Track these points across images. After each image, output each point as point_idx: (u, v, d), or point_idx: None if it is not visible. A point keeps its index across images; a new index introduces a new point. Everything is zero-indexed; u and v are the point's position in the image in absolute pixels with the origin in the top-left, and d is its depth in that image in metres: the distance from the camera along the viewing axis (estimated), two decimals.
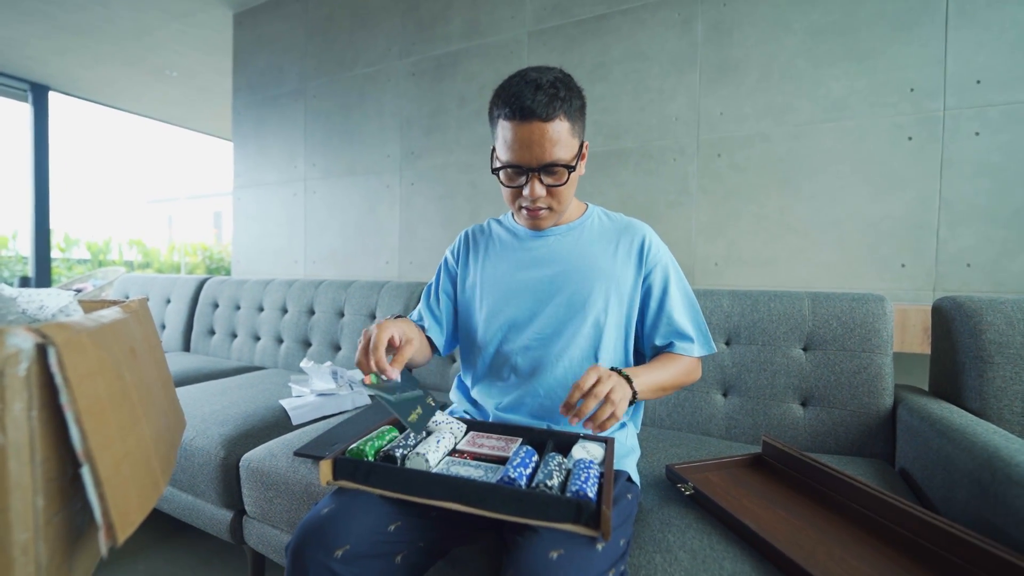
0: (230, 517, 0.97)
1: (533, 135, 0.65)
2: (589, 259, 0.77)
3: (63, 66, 3.69)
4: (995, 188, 1.39)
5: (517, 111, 0.65)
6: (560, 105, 0.65)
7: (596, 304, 0.75)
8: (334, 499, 0.61)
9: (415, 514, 0.61)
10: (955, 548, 0.53)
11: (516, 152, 0.67)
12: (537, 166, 0.67)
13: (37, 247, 4.01)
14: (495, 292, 0.80)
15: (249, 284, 1.87)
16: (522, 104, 0.64)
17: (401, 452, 0.61)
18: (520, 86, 0.65)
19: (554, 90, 0.65)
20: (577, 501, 0.51)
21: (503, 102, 0.66)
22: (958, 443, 0.68)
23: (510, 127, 0.66)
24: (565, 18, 1.94)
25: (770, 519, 0.64)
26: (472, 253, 0.86)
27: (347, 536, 0.56)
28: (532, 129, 0.65)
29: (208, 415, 1.09)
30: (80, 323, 0.44)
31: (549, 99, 0.64)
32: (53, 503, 0.40)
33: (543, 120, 0.65)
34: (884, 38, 1.49)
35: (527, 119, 0.65)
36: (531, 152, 0.66)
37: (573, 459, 0.60)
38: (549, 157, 0.67)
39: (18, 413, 0.36)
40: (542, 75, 0.66)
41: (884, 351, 0.91)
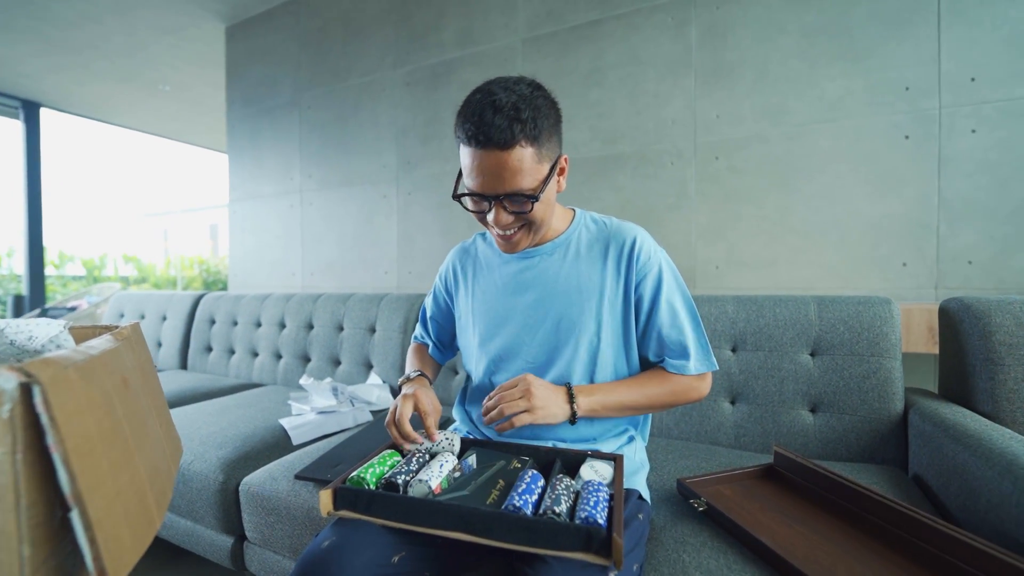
0: (230, 543, 0.95)
1: (491, 164, 0.60)
2: (576, 278, 0.73)
3: (57, 83, 3.68)
4: (993, 185, 1.38)
5: (473, 136, 0.60)
6: (520, 130, 0.59)
7: (588, 327, 0.71)
8: (335, 531, 0.59)
9: (420, 543, 0.59)
10: (981, 563, 0.51)
11: (475, 180, 0.62)
12: (498, 195, 0.63)
13: (31, 265, 3.98)
14: (484, 320, 0.78)
15: (246, 299, 1.85)
16: (478, 129, 0.59)
17: (403, 479, 0.59)
18: (480, 106, 0.60)
19: (514, 112, 0.59)
20: (587, 529, 0.49)
21: (462, 121, 0.61)
22: (974, 450, 0.66)
23: (468, 153, 0.62)
24: (559, 24, 1.94)
25: (786, 534, 0.62)
26: (462, 277, 0.83)
27: (349, 570, 0.54)
28: (490, 157, 0.60)
29: (206, 437, 1.07)
30: (67, 357, 0.42)
31: (508, 123, 0.59)
32: (41, 550, 0.38)
33: (500, 148, 0.59)
34: (878, 38, 1.49)
35: (484, 146, 0.60)
36: (490, 181, 0.62)
37: (581, 480, 0.59)
38: (509, 187, 0.62)
39: (1, 457, 0.34)
40: (504, 94, 0.60)
41: (893, 355, 0.90)
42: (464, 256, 0.85)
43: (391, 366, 1.42)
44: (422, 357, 0.88)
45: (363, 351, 1.49)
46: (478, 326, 0.79)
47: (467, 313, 0.81)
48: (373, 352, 1.47)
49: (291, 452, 1.04)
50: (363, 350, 1.50)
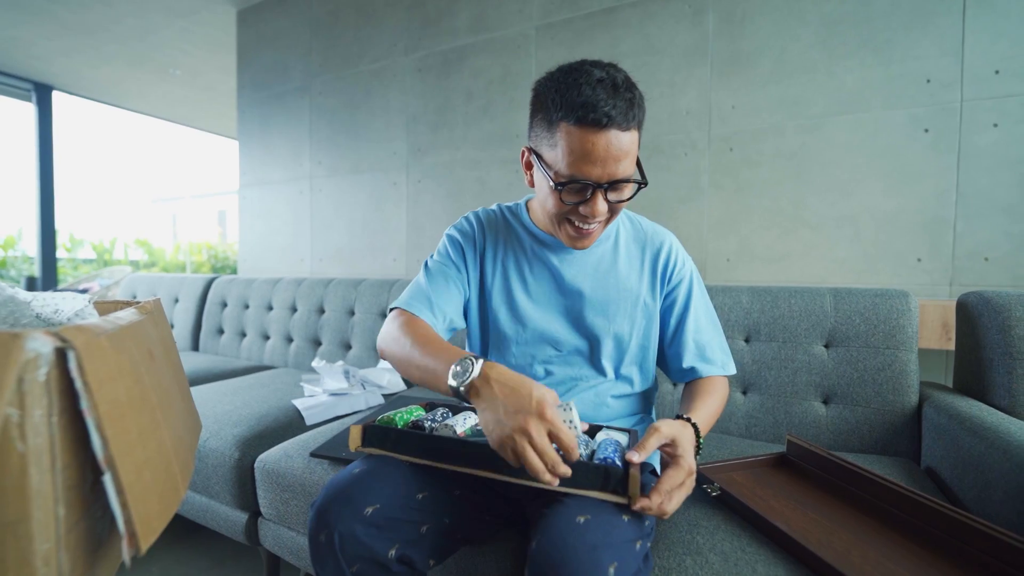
0: (245, 519, 0.96)
1: (609, 146, 0.57)
2: (617, 276, 0.73)
3: (68, 66, 3.69)
4: (1014, 181, 1.36)
5: (591, 116, 0.55)
6: (637, 113, 0.58)
7: (623, 326, 0.72)
8: (366, 462, 0.61)
9: (441, 488, 0.61)
10: (996, 551, 0.51)
11: (586, 165, 0.58)
12: (607, 181, 0.59)
13: (43, 247, 4.02)
14: (509, 306, 0.74)
15: (258, 283, 1.86)
16: (597, 108, 0.55)
17: (430, 424, 0.62)
18: (591, 86, 0.56)
19: (630, 94, 0.57)
20: (605, 467, 0.51)
21: (567, 104, 0.56)
22: (992, 442, 0.66)
23: (579, 135, 0.57)
24: (574, 11, 1.91)
25: (800, 520, 0.63)
26: (485, 248, 0.77)
27: (377, 496, 0.56)
28: (608, 139, 0.56)
29: (221, 415, 1.09)
30: (99, 325, 0.43)
31: (628, 104, 0.56)
32: (74, 511, 0.38)
33: (621, 129, 0.56)
34: (900, 28, 1.46)
35: (603, 126, 0.56)
36: (604, 166, 0.58)
37: (597, 441, 0.61)
38: (622, 172, 0.59)
39: (38, 420, 0.35)
40: (612, 73, 0.58)
41: (909, 347, 0.89)
42: (494, 224, 0.78)
43: None
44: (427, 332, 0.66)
45: (374, 336, 1.50)
46: (510, 305, 0.74)
47: (484, 289, 0.76)
48: None
49: (304, 432, 1.05)
50: (374, 335, 1.50)
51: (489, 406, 0.51)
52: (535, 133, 0.63)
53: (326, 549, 0.54)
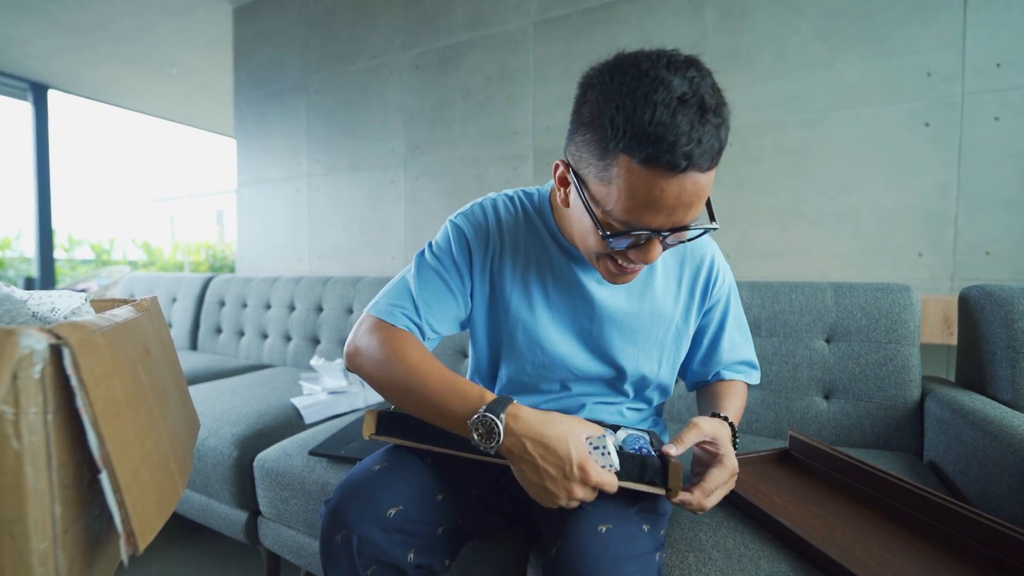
0: (244, 518, 0.96)
1: (685, 192, 0.44)
2: (652, 301, 0.63)
3: (64, 65, 3.67)
4: (1015, 175, 1.36)
5: (666, 158, 0.42)
6: (724, 141, 0.45)
7: (651, 354, 0.65)
8: (385, 458, 0.59)
9: (459, 488, 0.60)
10: (1002, 545, 0.51)
11: (648, 214, 0.46)
12: (670, 228, 0.47)
13: (41, 247, 4.01)
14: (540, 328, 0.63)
15: (256, 282, 1.85)
16: (676, 148, 0.41)
17: None
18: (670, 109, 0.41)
19: (719, 118, 0.43)
20: (642, 457, 0.49)
21: (635, 132, 0.42)
22: (995, 436, 0.66)
23: (646, 177, 0.44)
24: (572, 7, 1.90)
25: (803, 516, 0.62)
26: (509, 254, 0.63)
27: (399, 496, 0.54)
28: (683, 185, 0.44)
29: (220, 414, 1.08)
30: (94, 323, 0.42)
31: (715, 135, 0.43)
32: (71, 510, 0.38)
33: (701, 171, 0.44)
34: (900, 21, 1.45)
35: (682, 169, 0.43)
36: (671, 214, 0.46)
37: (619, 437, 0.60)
38: (691, 217, 0.47)
39: (33, 417, 0.34)
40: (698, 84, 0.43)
41: (911, 342, 0.89)
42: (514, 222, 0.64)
43: None
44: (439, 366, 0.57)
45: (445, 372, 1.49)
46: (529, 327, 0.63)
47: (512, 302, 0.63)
48: None
49: (303, 430, 1.05)
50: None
51: (527, 468, 0.48)
52: (579, 153, 0.49)
53: (342, 551, 0.52)
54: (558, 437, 0.47)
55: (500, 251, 0.63)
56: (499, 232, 0.63)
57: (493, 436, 0.48)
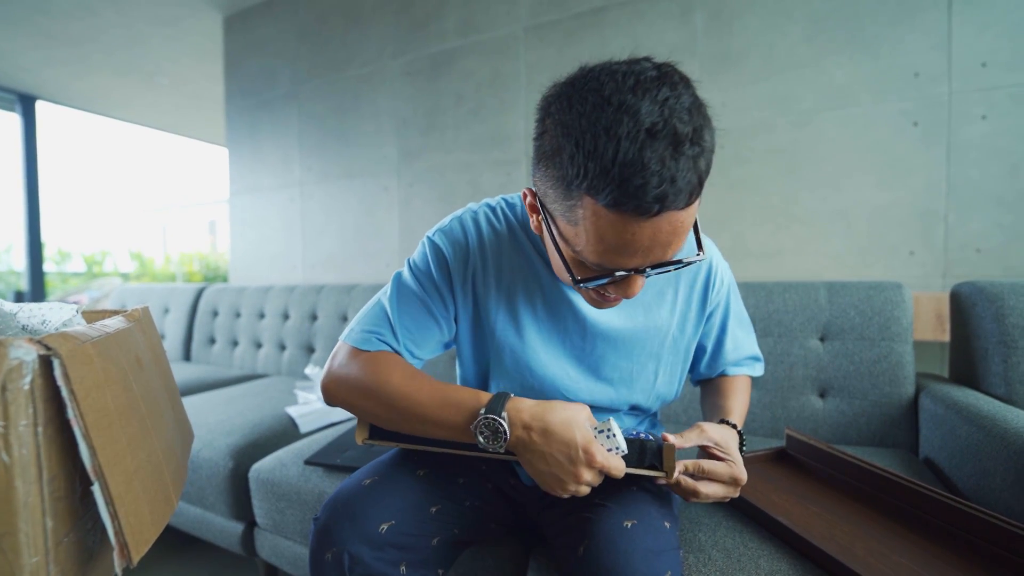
0: (241, 529, 0.95)
1: (662, 232, 0.40)
2: (645, 313, 0.60)
3: (53, 76, 3.65)
4: (1003, 172, 1.38)
5: (633, 204, 0.37)
6: (705, 172, 0.39)
7: (647, 367, 0.62)
8: (375, 471, 0.58)
9: (453, 500, 0.59)
10: (999, 538, 0.51)
11: (622, 257, 0.42)
12: (650, 265, 0.43)
13: (31, 261, 3.97)
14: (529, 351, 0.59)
15: (249, 291, 1.84)
16: (646, 192, 0.37)
17: None
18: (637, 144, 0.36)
19: (698, 147, 0.38)
20: (640, 441, 0.49)
21: (598, 172, 0.37)
22: (989, 431, 0.66)
23: (614, 222, 0.39)
24: (562, 12, 1.92)
25: (802, 514, 0.62)
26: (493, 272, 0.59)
27: (391, 511, 0.53)
28: (659, 226, 0.40)
29: (214, 425, 1.07)
30: (84, 333, 0.42)
31: (692, 168, 0.38)
32: (63, 524, 0.37)
33: (679, 209, 0.39)
34: (887, 23, 1.47)
35: (654, 214, 0.38)
36: (648, 255, 0.42)
37: None
38: (671, 253, 0.43)
39: (23, 430, 0.34)
40: (672, 108, 0.37)
41: (904, 339, 0.90)
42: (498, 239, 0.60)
43: None
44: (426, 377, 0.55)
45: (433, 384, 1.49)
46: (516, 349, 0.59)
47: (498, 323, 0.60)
48: None
49: (299, 440, 1.04)
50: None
51: (534, 458, 0.47)
52: (544, 188, 0.44)
53: (332, 569, 0.51)
54: (562, 423, 0.47)
55: (483, 269, 0.59)
56: (480, 249, 0.59)
57: (499, 436, 0.47)
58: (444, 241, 0.59)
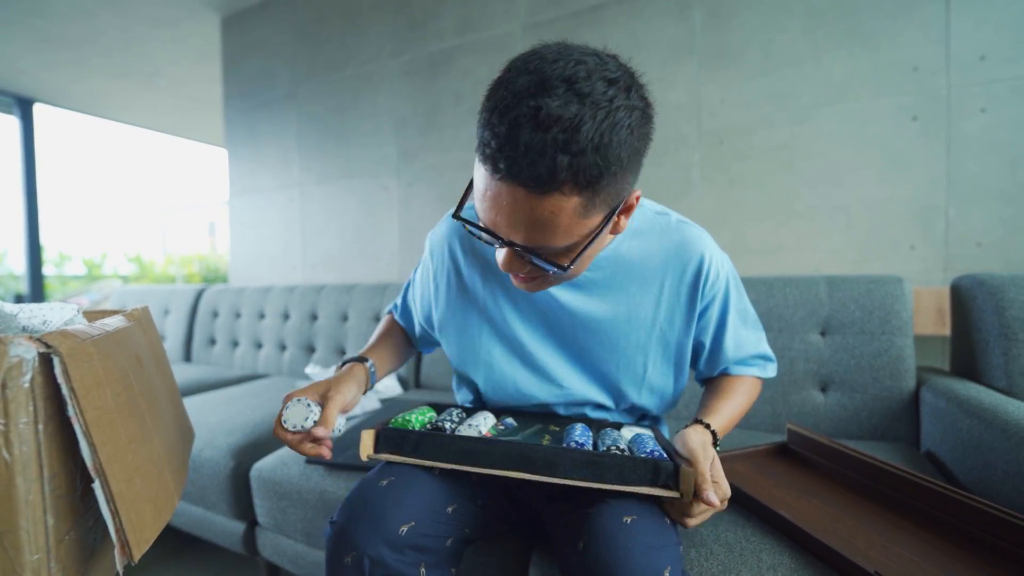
0: (242, 529, 0.95)
1: (500, 196, 0.42)
2: (627, 302, 0.60)
3: (51, 79, 3.65)
4: (1003, 165, 1.37)
5: (490, 158, 0.40)
6: (568, 169, 0.39)
7: (634, 359, 0.62)
8: (391, 472, 0.57)
9: (468, 498, 0.59)
10: (1000, 530, 0.51)
11: (485, 212, 0.44)
12: (507, 240, 0.45)
13: (30, 264, 3.97)
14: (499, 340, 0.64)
15: (249, 292, 1.84)
16: (500, 150, 0.39)
17: (451, 425, 0.58)
18: (514, 115, 0.38)
19: (565, 139, 0.38)
20: (654, 461, 0.49)
21: (483, 125, 0.41)
22: (990, 423, 0.66)
23: (482, 174, 0.43)
24: (560, 10, 1.92)
25: (803, 508, 0.62)
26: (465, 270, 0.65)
27: (410, 512, 0.53)
28: (510, 195, 0.41)
29: (215, 425, 1.07)
30: (84, 331, 0.42)
31: (551, 156, 0.38)
32: (64, 521, 0.37)
33: (529, 190, 0.40)
34: (885, 18, 1.47)
35: (504, 179, 0.40)
36: (504, 223, 0.44)
37: (626, 438, 0.59)
38: (530, 241, 0.44)
39: (23, 428, 0.34)
40: (562, 99, 0.38)
41: (905, 332, 0.89)
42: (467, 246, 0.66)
43: None
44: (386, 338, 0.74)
45: (368, 340, 1.49)
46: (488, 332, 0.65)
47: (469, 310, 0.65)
48: None
49: None
50: (368, 339, 1.49)
51: None
52: None
53: (352, 573, 0.50)
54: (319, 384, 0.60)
55: (468, 265, 0.65)
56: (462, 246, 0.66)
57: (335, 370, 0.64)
58: (431, 238, 0.71)
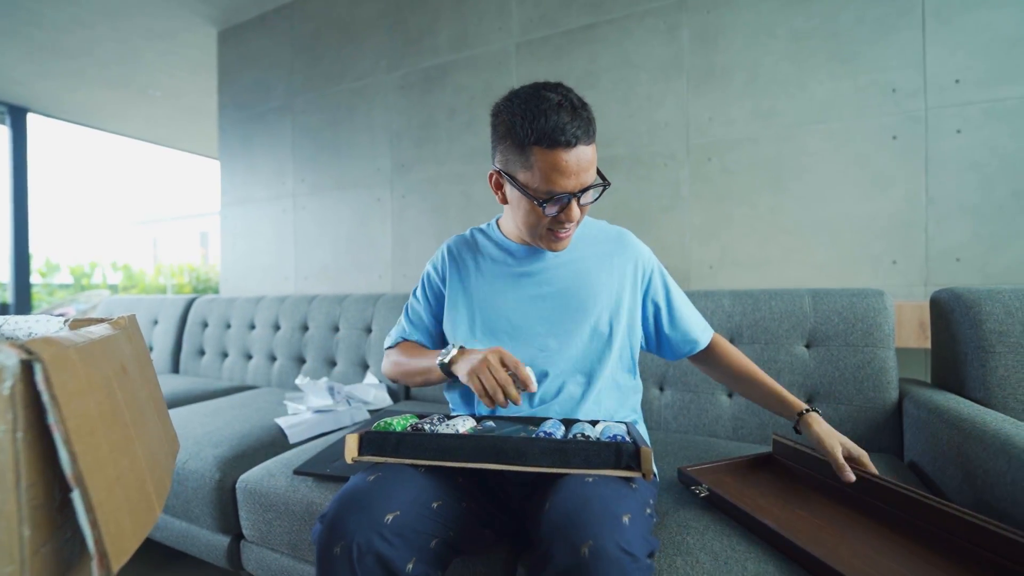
0: (227, 542, 0.93)
1: (581, 160, 0.64)
2: (587, 276, 0.77)
3: (45, 88, 3.65)
4: (979, 184, 1.42)
5: (561, 137, 0.62)
6: (594, 127, 0.65)
7: (603, 317, 0.76)
8: (377, 470, 0.61)
9: (452, 498, 0.61)
10: (982, 539, 0.52)
11: (564, 179, 0.64)
12: (579, 190, 0.66)
13: (16, 272, 3.92)
14: (491, 313, 0.78)
15: (239, 302, 1.83)
16: (566, 131, 0.61)
17: (430, 427, 0.62)
18: (555, 111, 0.62)
19: (586, 112, 0.64)
20: (617, 444, 0.53)
21: (537, 130, 0.62)
22: (968, 433, 0.67)
23: (552, 156, 0.63)
24: (552, 28, 1.96)
25: (788, 518, 0.63)
26: (460, 268, 0.83)
27: (396, 502, 0.55)
28: (579, 154, 0.63)
29: (201, 436, 1.05)
30: (68, 339, 0.42)
31: (587, 122, 0.64)
32: (40, 532, 0.37)
33: (585, 144, 0.64)
34: (864, 41, 1.52)
35: (573, 144, 0.62)
36: (578, 177, 0.64)
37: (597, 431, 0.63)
38: (590, 180, 0.66)
39: (2, 435, 0.34)
40: (566, 94, 0.64)
41: (887, 345, 0.91)
42: (463, 246, 0.85)
43: None
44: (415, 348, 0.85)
45: (359, 351, 1.48)
46: (480, 320, 0.78)
47: (466, 305, 0.80)
48: (369, 352, 1.46)
49: (288, 450, 1.02)
50: (359, 350, 1.49)
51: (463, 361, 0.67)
52: (505, 158, 0.67)
53: (341, 563, 0.52)
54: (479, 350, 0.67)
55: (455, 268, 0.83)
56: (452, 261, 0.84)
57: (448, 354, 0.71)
58: (431, 265, 0.87)
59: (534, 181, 0.65)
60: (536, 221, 0.69)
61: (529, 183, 0.65)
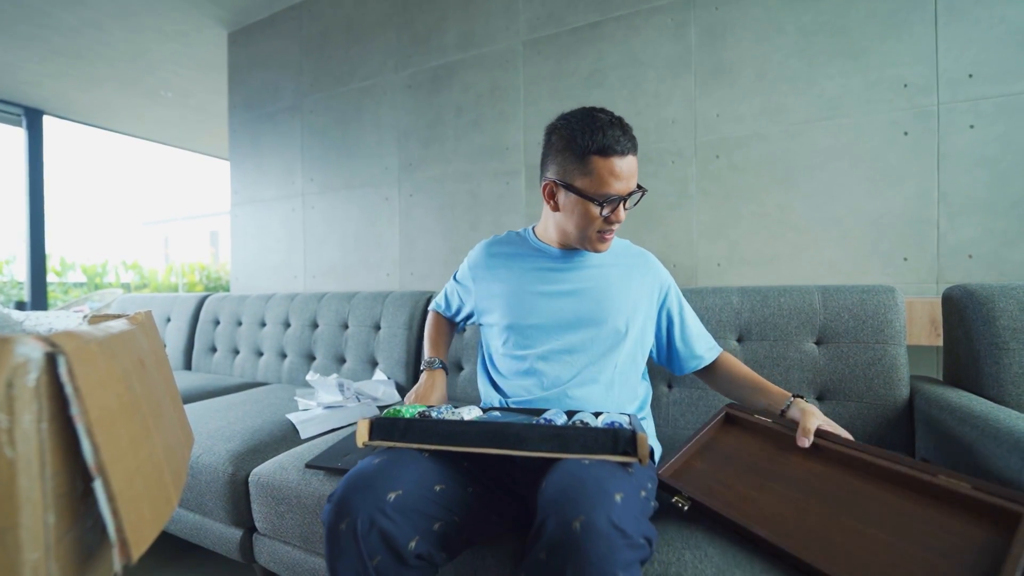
0: (239, 535, 0.95)
1: (630, 168, 0.75)
2: (611, 280, 0.86)
3: (58, 90, 3.70)
4: (992, 179, 1.40)
5: (616, 147, 0.72)
6: (636, 142, 0.78)
7: (619, 320, 0.83)
8: (384, 454, 0.64)
9: (457, 483, 0.63)
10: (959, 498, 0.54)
11: (621, 184, 0.74)
12: (628, 193, 0.76)
13: (33, 271, 3.99)
14: (521, 302, 0.86)
15: (250, 299, 1.85)
16: (620, 143, 0.72)
17: (437, 414, 0.66)
18: (609, 127, 0.73)
19: (631, 130, 0.76)
20: (614, 430, 0.55)
21: (596, 142, 0.72)
22: (982, 430, 0.67)
23: (614, 162, 0.73)
24: (559, 26, 1.96)
25: (772, 502, 0.63)
26: (497, 263, 0.92)
27: (399, 482, 0.59)
28: (629, 163, 0.74)
29: (214, 431, 1.07)
30: (89, 333, 0.43)
31: (632, 138, 0.76)
32: (64, 520, 0.38)
33: (634, 154, 0.76)
34: (875, 36, 1.51)
35: (627, 153, 0.74)
36: (628, 182, 0.75)
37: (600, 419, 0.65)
38: (634, 186, 0.78)
39: (27, 425, 0.35)
40: (612, 115, 0.76)
41: (898, 341, 0.90)
42: (502, 243, 0.95)
43: (396, 363, 1.43)
44: (439, 332, 1.03)
45: (368, 348, 1.50)
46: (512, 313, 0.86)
47: (500, 296, 0.89)
48: (378, 349, 1.48)
49: (299, 445, 1.04)
50: (368, 348, 1.50)
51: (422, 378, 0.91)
52: (563, 168, 0.77)
53: (347, 538, 0.55)
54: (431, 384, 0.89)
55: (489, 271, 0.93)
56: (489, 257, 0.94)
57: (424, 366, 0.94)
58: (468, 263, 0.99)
59: (592, 186, 0.75)
60: (589, 223, 0.78)
61: (587, 188, 0.75)
